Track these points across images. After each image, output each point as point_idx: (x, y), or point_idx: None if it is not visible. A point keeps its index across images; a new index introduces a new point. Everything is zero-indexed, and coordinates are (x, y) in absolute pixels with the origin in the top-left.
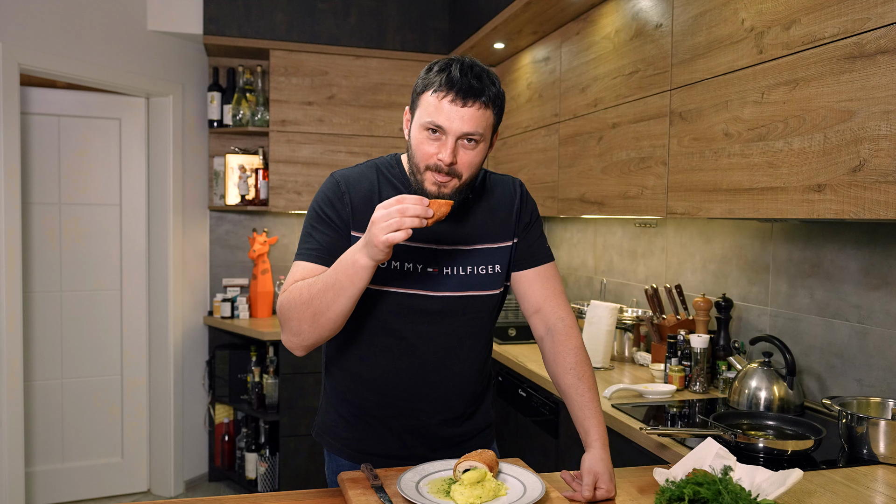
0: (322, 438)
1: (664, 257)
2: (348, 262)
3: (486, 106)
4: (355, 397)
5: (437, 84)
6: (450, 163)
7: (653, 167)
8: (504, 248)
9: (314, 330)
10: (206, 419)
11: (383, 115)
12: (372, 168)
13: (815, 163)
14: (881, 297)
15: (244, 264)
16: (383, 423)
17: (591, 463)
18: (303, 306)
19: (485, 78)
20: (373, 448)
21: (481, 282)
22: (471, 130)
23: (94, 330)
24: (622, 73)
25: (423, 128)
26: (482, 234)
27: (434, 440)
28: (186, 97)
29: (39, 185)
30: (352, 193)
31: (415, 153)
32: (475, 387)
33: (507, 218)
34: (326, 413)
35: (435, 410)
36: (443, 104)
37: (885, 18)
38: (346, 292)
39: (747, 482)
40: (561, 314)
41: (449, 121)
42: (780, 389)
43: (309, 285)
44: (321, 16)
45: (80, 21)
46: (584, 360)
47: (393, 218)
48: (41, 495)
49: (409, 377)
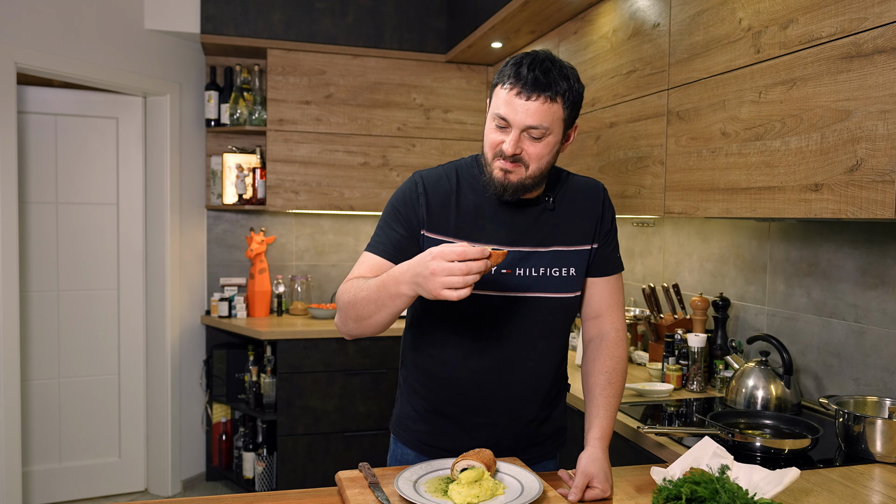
0: (395, 430)
1: (662, 256)
2: (392, 284)
3: (553, 100)
4: (428, 392)
5: (507, 77)
6: (512, 153)
7: (650, 166)
8: (582, 251)
9: (358, 328)
10: (204, 418)
11: (381, 115)
12: (452, 170)
13: (813, 162)
14: (878, 297)
15: (241, 264)
16: (453, 419)
17: (585, 463)
18: (349, 306)
19: (553, 73)
20: (441, 442)
21: (554, 284)
22: (534, 123)
23: (91, 329)
24: (620, 72)
25: (493, 119)
26: (559, 236)
27: (503, 440)
28: (184, 96)
29: (36, 185)
30: (429, 194)
31: (485, 142)
32: (547, 389)
33: (588, 221)
34: (402, 406)
35: (504, 410)
36: (509, 97)
37: (883, 18)
38: (385, 310)
39: (744, 481)
40: (617, 325)
41: (513, 113)
42: (778, 388)
43: (358, 289)
44: (319, 15)
45: (77, 20)
46: (621, 371)
47: (455, 276)
48: (38, 495)
49: (480, 376)
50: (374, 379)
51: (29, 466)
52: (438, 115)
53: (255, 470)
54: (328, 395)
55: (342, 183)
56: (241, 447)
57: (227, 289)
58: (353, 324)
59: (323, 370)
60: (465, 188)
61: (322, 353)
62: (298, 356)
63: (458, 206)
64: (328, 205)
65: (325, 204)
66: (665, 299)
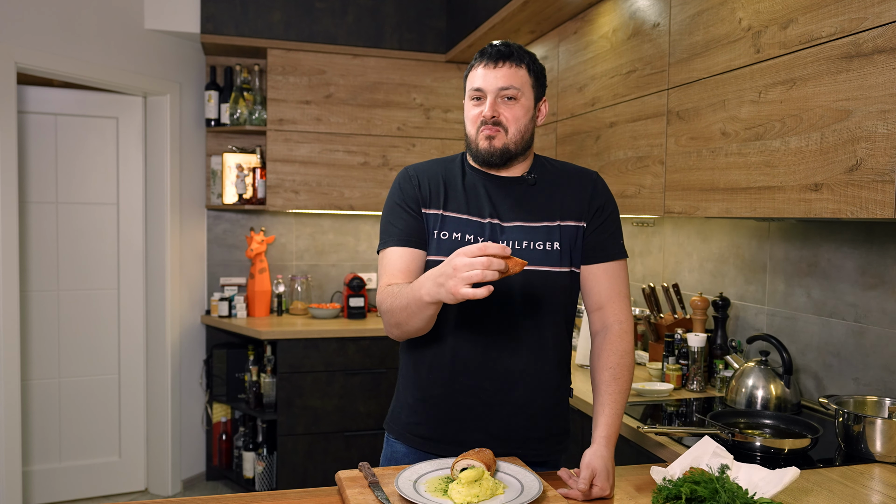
0: (388, 425)
1: (661, 256)
2: (416, 296)
3: (518, 65)
4: (418, 378)
5: (474, 62)
6: (491, 115)
7: (650, 166)
8: (567, 227)
9: (401, 333)
10: (204, 418)
11: (381, 114)
12: (438, 161)
13: (812, 162)
14: (878, 296)
15: (242, 263)
16: (443, 403)
17: (589, 458)
18: (389, 314)
19: (514, 46)
20: (429, 432)
21: (538, 257)
22: (505, 84)
23: (91, 329)
24: (620, 72)
25: (469, 98)
26: (543, 211)
27: (491, 426)
28: (184, 96)
29: (36, 185)
30: (420, 177)
31: (467, 123)
32: (537, 373)
33: (574, 199)
34: (395, 402)
35: (495, 389)
36: (478, 71)
37: (882, 18)
38: (418, 315)
39: (744, 481)
40: (620, 317)
41: (485, 81)
42: (777, 388)
43: (392, 296)
44: (319, 15)
45: (77, 20)
46: (627, 365)
47: (475, 270)
48: (38, 494)
49: (466, 353)
50: (374, 379)
51: (29, 466)
52: (438, 114)
53: (256, 469)
54: (328, 394)
55: (342, 183)
56: (241, 447)
57: (227, 288)
58: (395, 330)
59: (323, 370)
60: (451, 172)
61: (322, 352)
62: (298, 356)
63: (446, 185)
64: (328, 204)
65: (325, 204)
66: (665, 299)
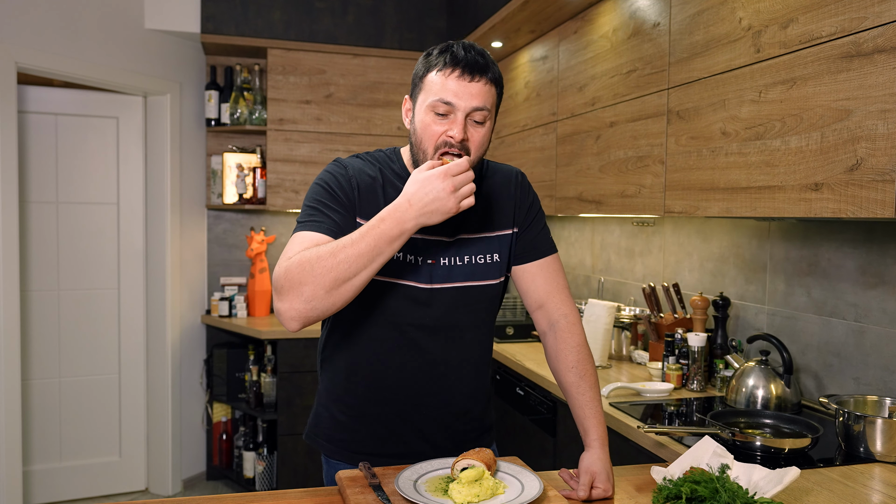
0: (314, 441)
1: (662, 256)
2: (395, 225)
3: (491, 83)
4: (352, 395)
5: (442, 63)
6: (461, 139)
7: (650, 166)
8: (503, 236)
9: (330, 298)
10: (204, 418)
11: (381, 114)
12: (373, 162)
13: (813, 161)
14: (878, 296)
15: (242, 263)
16: (380, 420)
17: (588, 462)
18: (324, 272)
19: (487, 56)
20: (368, 447)
21: (480, 271)
22: (480, 105)
23: (91, 329)
24: (620, 71)
25: (430, 109)
26: (481, 223)
27: (434, 437)
28: (184, 96)
29: (37, 184)
30: (359, 179)
31: (422, 137)
32: (477, 381)
33: (505, 206)
34: (318, 415)
35: (437, 404)
36: (449, 81)
37: (883, 17)
38: (380, 258)
39: (744, 480)
40: (564, 310)
41: (457, 97)
42: (778, 388)
43: (332, 252)
44: (319, 14)
45: (78, 19)
46: (586, 358)
47: (467, 185)
48: (39, 494)
49: (409, 370)
50: None
51: (29, 466)
52: None
53: (256, 469)
54: None
55: None
56: (242, 446)
57: (227, 288)
58: (323, 293)
59: None
60: (388, 179)
61: None
62: (299, 355)
63: (384, 197)
64: None
65: None
66: (665, 299)
